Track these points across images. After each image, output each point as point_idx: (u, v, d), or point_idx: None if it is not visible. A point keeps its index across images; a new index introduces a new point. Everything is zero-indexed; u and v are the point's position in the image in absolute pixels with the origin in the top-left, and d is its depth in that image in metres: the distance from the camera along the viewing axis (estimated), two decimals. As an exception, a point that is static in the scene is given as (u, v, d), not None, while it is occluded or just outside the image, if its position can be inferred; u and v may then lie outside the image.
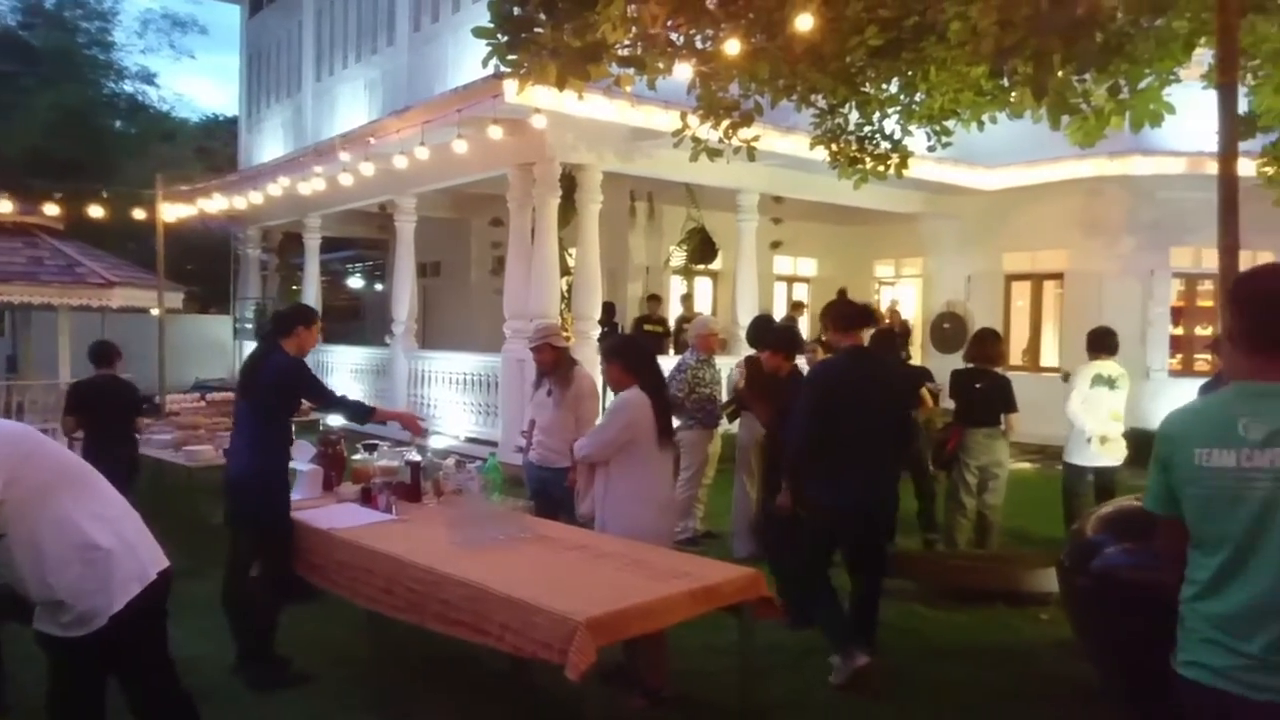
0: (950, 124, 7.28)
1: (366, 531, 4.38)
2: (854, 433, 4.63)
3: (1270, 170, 8.46)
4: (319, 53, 17.15)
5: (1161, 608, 2.31)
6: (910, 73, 6.63)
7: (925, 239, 15.44)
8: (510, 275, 10.68)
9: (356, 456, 5.46)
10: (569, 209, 10.70)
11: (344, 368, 15.15)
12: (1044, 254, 13.96)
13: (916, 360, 13.37)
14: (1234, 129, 3.86)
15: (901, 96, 7.17)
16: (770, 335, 6.79)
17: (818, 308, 16.03)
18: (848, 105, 6.96)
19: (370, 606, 4.15)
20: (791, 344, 6.62)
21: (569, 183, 10.57)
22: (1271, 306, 2.15)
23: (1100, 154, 11.53)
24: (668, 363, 10.58)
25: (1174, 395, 10.15)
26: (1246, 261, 11.14)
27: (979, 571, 6.22)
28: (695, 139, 6.31)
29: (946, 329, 14.88)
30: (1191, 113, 7.02)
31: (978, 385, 6.97)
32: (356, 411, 5.02)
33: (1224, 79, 3.87)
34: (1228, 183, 3.94)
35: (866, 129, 7.23)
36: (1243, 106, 8.50)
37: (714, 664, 4.51)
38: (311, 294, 15.46)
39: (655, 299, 13.39)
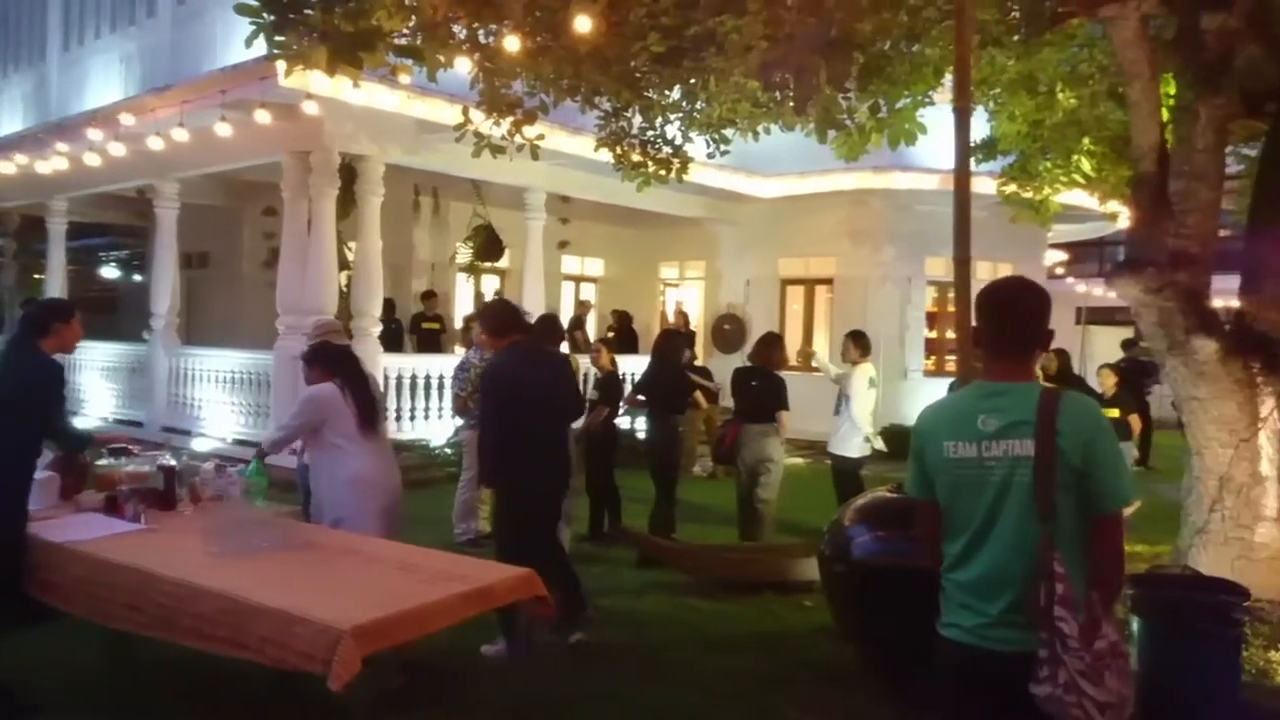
0: (729, 132, 7.57)
1: (110, 543, 4.01)
2: (530, 421, 4.87)
3: (1008, 190, 9.32)
4: (67, 19, 15.60)
5: (910, 589, 2.52)
6: (692, 81, 6.83)
7: (708, 243, 15.96)
8: (284, 268, 10.14)
9: (101, 461, 4.99)
10: (349, 201, 10.27)
11: (95, 365, 13.88)
12: (816, 260, 14.77)
13: (700, 360, 13.84)
14: (967, 149, 4.21)
15: (683, 103, 7.39)
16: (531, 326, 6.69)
17: (606, 308, 16.36)
18: (631, 109, 7.09)
19: (116, 625, 3.82)
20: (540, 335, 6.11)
21: (349, 173, 10.15)
22: (999, 316, 2.46)
23: (865, 168, 12.33)
24: (448, 360, 10.49)
25: (928, 393, 11.01)
26: (988, 272, 12.32)
27: (748, 563, 6.49)
28: (478, 135, 6.22)
29: (727, 330, 15.46)
30: (944, 133, 7.63)
31: (754, 383, 7.29)
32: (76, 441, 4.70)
33: (959, 103, 4.22)
34: (961, 199, 4.29)
35: (649, 133, 7.39)
36: (986, 131, 9.38)
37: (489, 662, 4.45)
38: (56, 284, 14.08)
39: (431, 295, 13.10)
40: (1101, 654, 2.19)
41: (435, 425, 10.91)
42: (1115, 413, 8.27)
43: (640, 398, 7.93)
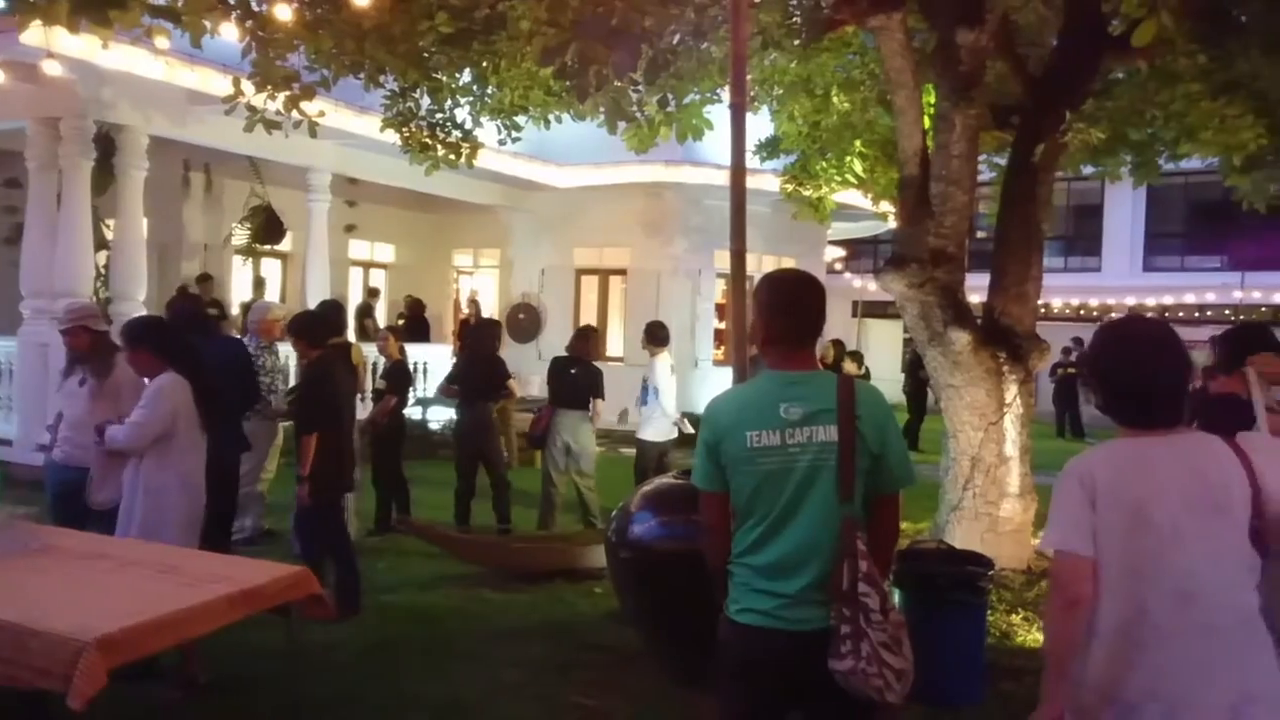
0: (521, 119, 7.50)
1: None
2: (340, 416, 5.41)
3: (790, 187, 9.76)
4: None
5: (692, 573, 2.57)
6: (483, 64, 6.71)
7: (503, 230, 15.81)
8: (29, 246, 9.17)
9: None
10: (107, 174, 9.42)
11: None
12: (610, 251, 14.94)
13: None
14: (742, 145, 4.38)
15: (474, 87, 7.25)
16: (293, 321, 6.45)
17: (397, 294, 15.88)
18: (419, 90, 6.89)
19: None
20: (307, 330, 5.68)
21: (107, 144, 9.31)
22: (793, 309, 2.53)
23: (657, 161, 12.60)
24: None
25: (718, 382, 11.45)
26: (772, 266, 12.80)
27: (539, 552, 6.49)
28: (251, 108, 5.84)
29: (522, 319, 15.38)
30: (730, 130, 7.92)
31: (573, 371, 7.56)
32: None
33: (735, 100, 4.38)
34: (738, 193, 4.46)
35: (438, 116, 7.20)
36: (770, 130, 9.79)
37: (267, 665, 4.22)
38: None
39: (206, 278, 12.26)
40: (898, 625, 2.32)
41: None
42: None
43: (454, 386, 7.89)
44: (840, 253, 21.60)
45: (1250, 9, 7.26)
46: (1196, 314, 19.64)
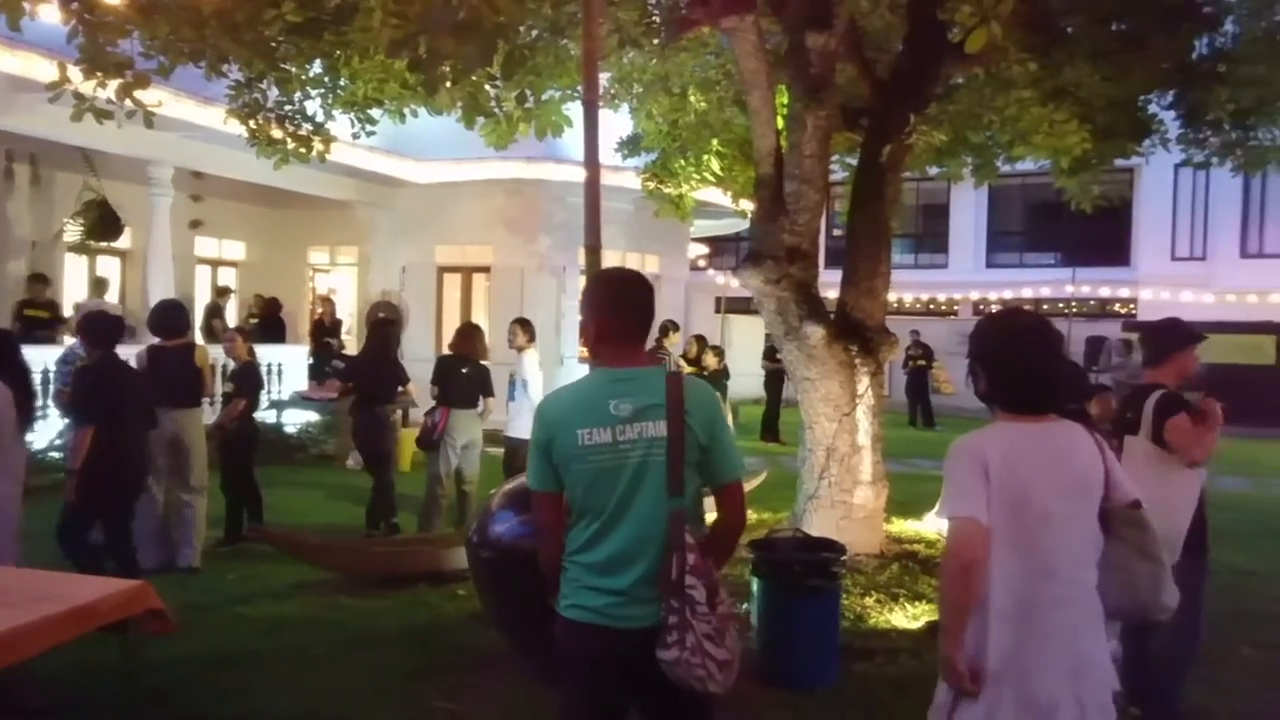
0: (376, 113, 7.31)
1: None
2: (121, 417, 5.26)
3: (651, 185, 9.85)
4: None
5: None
6: (336, 55, 6.50)
7: (361, 227, 15.36)
8: None
9: None
10: (-84, 165, 8.68)
11: None
12: (473, 248, 14.75)
13: (351, 350, 13.30)
14: (596, 141, 4.38)
15: (325, 79, 7.02)
16: (79, 322, 6.20)
17: (247, 293, 15.23)
18: (266, 80, 6.62)
19: None
20: (89, 330, 5.67)
21: (-85, 132, 8.58)
22: (624, 307, 2.55)
23: (519, 158, 12.50)
24: (54, 353, 9.22)
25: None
26: (636, 262, 12.83)
27: (401, 555, 6.35)
28: (79, 96, 5.47)
29: (382, 318, 14.97)
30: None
31: (464, 370, 7.53)
32: None
33: (588, 97, 4.38)
34: (592, 189, 4.46)
35: (287, 108, 6.95)
36: (631, 128, 9.85)
37: (105, 687, 3.98)
38: None
39: (40, 279, 11.45)
40: (725, 616, 2.35)
41: (39, 426, 9.55)
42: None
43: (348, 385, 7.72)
44: (704, 250, 21.96)
45: (1074, 21, 7.77)
46: (1034, 307, 20.85)
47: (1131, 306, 20.97)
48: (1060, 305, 20.79)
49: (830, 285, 7.34)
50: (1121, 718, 4.00)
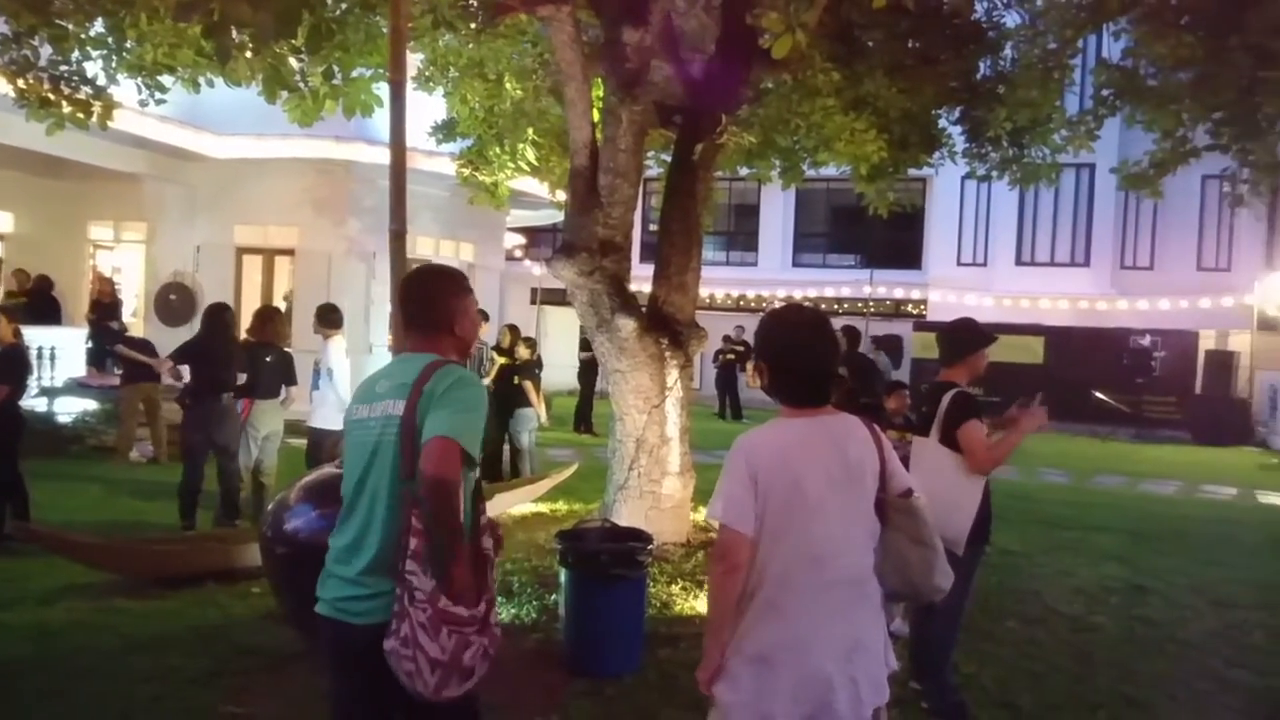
0: (167, 80, 6.82)
1: None
2: None
3: (466, 172, 9.66)
4: None
5: None
6: (122, 15, 6.00)
7: (151, 202, 14.31)
8: None
9: None
10: None
11: None
12: (276, 229, 14.02)
13: (139, 332, 12.37)
14: (403, 123, 4.27)
15: (109, 39, 6.48)
16: None
17: (15, 267, 13.85)
18: (38, 37, 6.03)
19: None
20: None
21: None
22: (407, 299, 2.60)
23: (327, 136, 11.99)
24: None
25: (390, 368, 11.07)
26: (451, 250, 12.61)
27: (186, 554, 5.97)
28: None
29: (173, 300, 14.04)
30: (408, 109, 7.70)
31: (267, 359, 7.27)
32: None
33: (395, 77, 4.26)
34: (397, 173, 4.33)
35: (63, 68, 6.36)
36: (446, 113, 9.62)
37: None
38: None
39: None
40: (444, 613, 2.23)
41: None
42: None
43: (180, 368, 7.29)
44: (520, 240, 21.81)
45: (874, 36, 8.21)
46: (836, 306, 21.94)
47: (923, 307, 22.42)
48: (859, 305, 21.98)
49: (644, 279, 7.44)
50: (902, 693, 4.29)
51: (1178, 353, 18.94)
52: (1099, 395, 17.67)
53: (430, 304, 2.55)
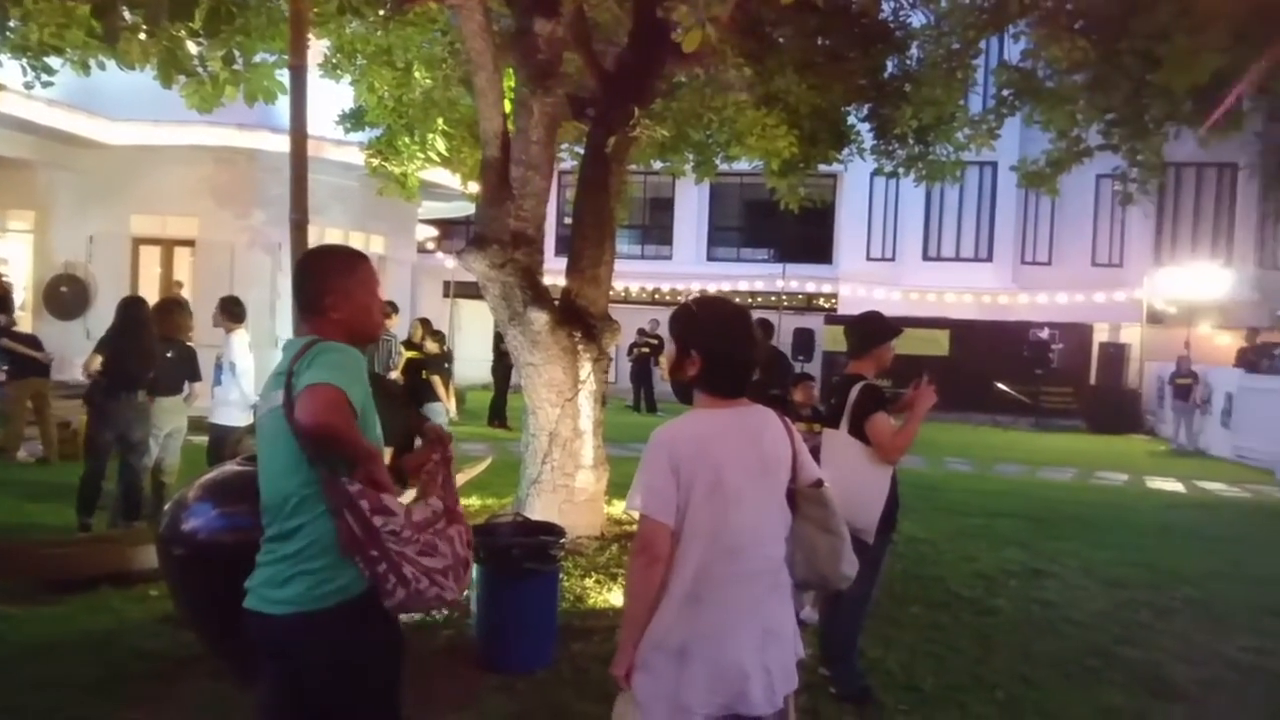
0: (56, 62, 6.51)
1: None
2: None
3: (375, 162, 9.46)
4: None
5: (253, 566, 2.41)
6: (4, -8, 5.70)
7: (40, 190, 13.68)
8: None
9: None
10: None
11: None
12: (175, 219, 13.56)
13: (27, 326, 11.82)
14: (303, 109, 4.17)
15: (-9, 18, 6.14)
16: None
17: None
18: (-88, 13, 5.70)
19: None
20: None
21: None
22: (293, 283, 2.54)
23: (229, 124, 11.63)
24: None
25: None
26: (360, 241, 12.35)
27: (78, 557, 5.71)
28: None
29: (65, 293, 13.45)
30: (313, 96, 7.49)
31: (169, 355, 7.03)
32: None
33: (295, 62, 4.14)
34: (297, 161, 4.22)
35: (-62, 46, 6.02)
36: (354, 101, 9.41)
37: None
38: None
39: None
40: (424, 524, 2.30)
41: None
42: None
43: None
44: (433, 232, 21.50)
45: (784, 33, 8.32)
46: (750, 299, 22.20)
47: (834, 301, 22.85)
48: (772, 298, 22.29)
49: (559, 273, 7.40)
50: (811, 679, 4.37)
51: (1074, 345, 19.73)
52: (1001, 386, 18.31)
53: (309, 284, 2.47)
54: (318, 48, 8.44)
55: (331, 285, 2.44)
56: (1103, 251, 22.46)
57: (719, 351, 2.50)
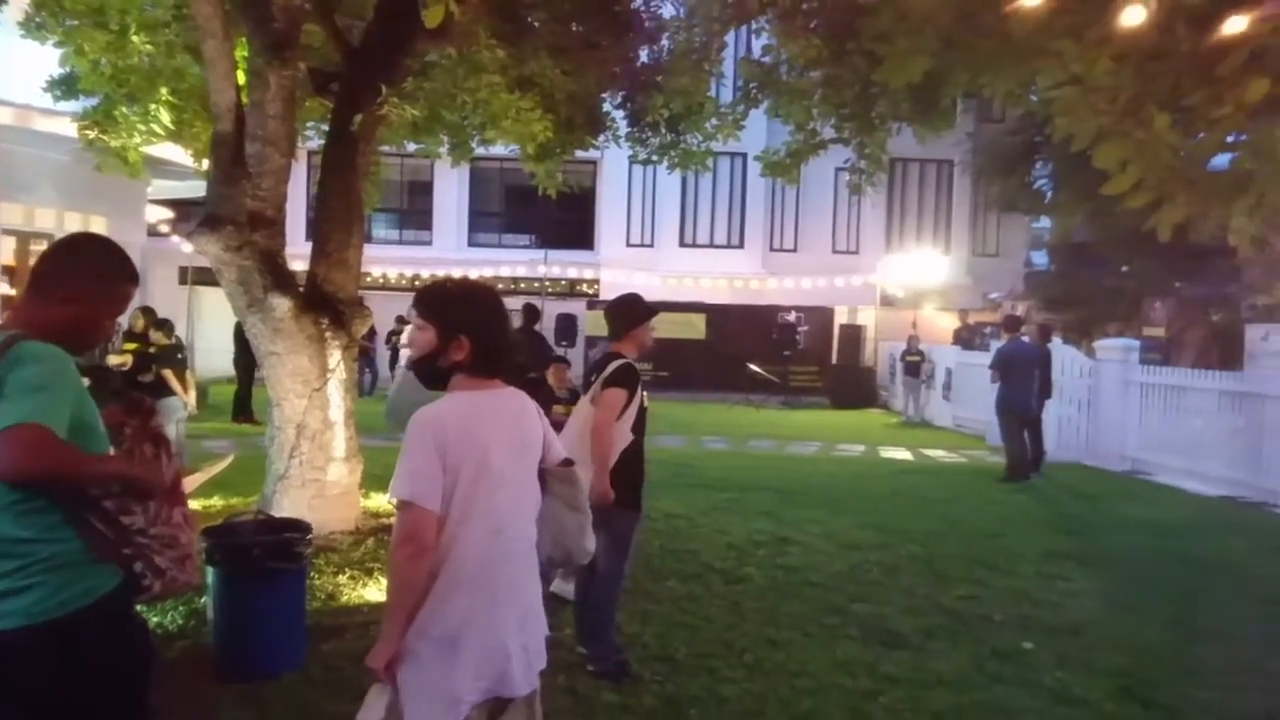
0: None
1: None
2: None
3: (91, 135, 8.56)
4: None
5: None
6: None
7: None
8: None
9: None
10: None
11: None
12: None
13: None
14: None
15: None
16: None
17: None
18: None
19: None
20: None
21: None
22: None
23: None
24: None
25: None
26: (78, 223, 11.21)
27: None
28: None
29: None
30: (21, 63, 6.67)
31: None
32: None
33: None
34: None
35: None
36: (62, 66, 8.47)
37: None
38: None
39: None
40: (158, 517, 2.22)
41: None
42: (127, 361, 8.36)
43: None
44: (168, 214, 19.81)
45: (539, 17, 8.30)
46: (512, 285, 22.09)
47: (596, 287, 23.17)
48: (535, 284, 22.30)
49: (308, 257, 7.02)
50: (570, 657, 4.41)
51: (818, 327, 21.14)
52: (752, 367, 19.30)
53: (36, 272, 2.29)
54: (20, 3, 7.53)
55: (62, 275, 2.26)
56: (842, 239, 24.17)
57: (489, 335, 2.48)
